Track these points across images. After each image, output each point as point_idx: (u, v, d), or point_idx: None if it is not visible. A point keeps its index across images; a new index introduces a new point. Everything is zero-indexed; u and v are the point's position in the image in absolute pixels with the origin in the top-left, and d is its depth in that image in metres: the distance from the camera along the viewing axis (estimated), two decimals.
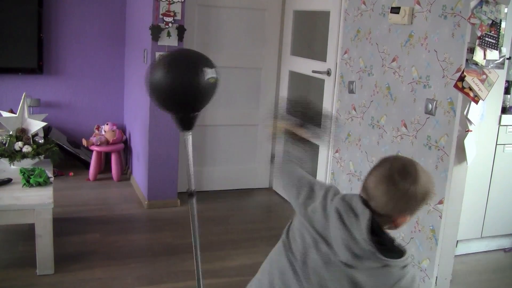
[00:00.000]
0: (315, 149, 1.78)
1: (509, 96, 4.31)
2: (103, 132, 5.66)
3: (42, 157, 4.19)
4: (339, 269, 1.72)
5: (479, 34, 3.07)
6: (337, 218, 1.74)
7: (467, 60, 3.14)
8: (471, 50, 3.11)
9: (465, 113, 3.20)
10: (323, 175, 4.77)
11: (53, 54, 5.79)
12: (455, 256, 3.65)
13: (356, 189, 4.18)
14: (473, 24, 3.08)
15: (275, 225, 4.79)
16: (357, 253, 1.68)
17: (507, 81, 4.24)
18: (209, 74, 1.95)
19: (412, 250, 3.65)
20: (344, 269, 1.72)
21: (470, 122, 3.23)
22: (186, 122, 2.07)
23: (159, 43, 4.62)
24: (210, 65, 1.99)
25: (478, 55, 3.09)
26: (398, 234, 3.77)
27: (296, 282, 1.81)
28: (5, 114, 4.33)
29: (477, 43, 3.08)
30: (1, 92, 5.63)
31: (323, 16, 4.92)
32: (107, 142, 5.58)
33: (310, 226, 1.82)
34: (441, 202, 3.40)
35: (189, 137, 2.27)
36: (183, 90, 1.94)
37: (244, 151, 5.60)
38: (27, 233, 3.99)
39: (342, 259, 1.71)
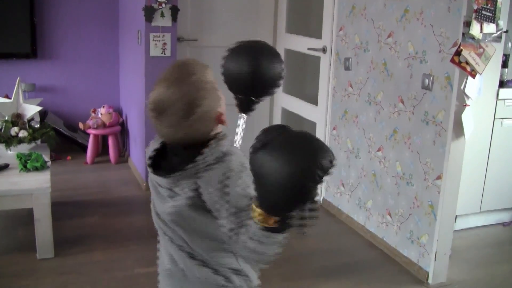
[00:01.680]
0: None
1: (506, 69, 4.29)
2: (99, 115, 5.64)
3: (38, 141, 4.18)
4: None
5: (475, 7, 3.04)
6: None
7: (463, 34, 3.12)
8: (468, 24, 3.08)
9: (462, 87, 3.19)
10: None
11: (46, 38, 5.75)
12: (454, 231, 3.66)
13: (354, 166, 4.19)
14: None
15: None
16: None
17: (504, 55, 4.22)
18: (276, 65, 2.05)
19: (411, 226, 3.65)
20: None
21: (468, 97, 3.22)
22: (248, 106, 2.15)
23: (153, 24, 4.58)
24: (278, 57, 2.09)
25: (475, 29, 3.07)
26: (397, 211, 3.78)
27: (166, 240, 1.76)
28: (0, 99, 4.30)
29: (473, 17, 3.06)
30: None
31: None
32: (104, 125, 5.57)
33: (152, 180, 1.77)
34: (439, 178, 3.40)
35: (243, 120, 2.39)
36: (249, 76, 2.04)
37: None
38: (26, 218, 3.99)
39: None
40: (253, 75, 2.00)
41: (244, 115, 2.30)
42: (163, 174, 1.65)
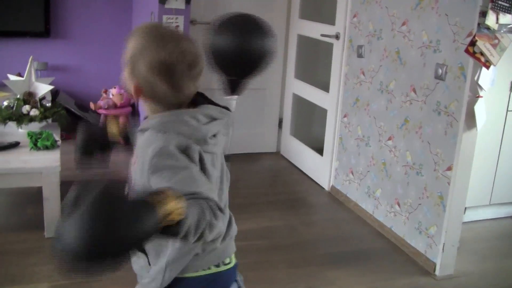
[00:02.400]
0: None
1: None
2: (110, 96, 5.64)
3: (49, 120, 4.18)
4: None
5: None
6: None
7: (479, 24, 3.08)
8: (483, 14, 3.05)
9: (475, 78, 3.16)
10: (331, 139, 4.74)
11: (60, 17, 5.74)
12: (463, 223, 3.64)
13: (364, 154, 4.18)
14: None
15: (282, 190, 4.80)
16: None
17: None
18: (263, 40, 1.92)
19: (420, 217, 3.64)
20: None
21: (481, 88, 3.19)
22: (237, 86, 2.04)
23: (166, 6, 4.57)
24: (267, 32, 1.95)
25: (491, 19, 3.03)
26: (406, 200, 3.77)
27: None
28: (13, 77, 4.31)
29: (489, 7, 3.02)
30: (9, 56, 5.60)
31: None
32: (114, 106, 5.57)
33: None
34: (449, 169, 3.38)
35: (234, 101, 2.28)
36: (232, 53, 1.91)
37: (252, 115, 5.58)
38: (35, 196, 4.01)
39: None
40: (241, 53, 1.91)
41: (235, 96, 2.21)
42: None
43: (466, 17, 3.22)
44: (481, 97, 3.22)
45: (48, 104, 4.23)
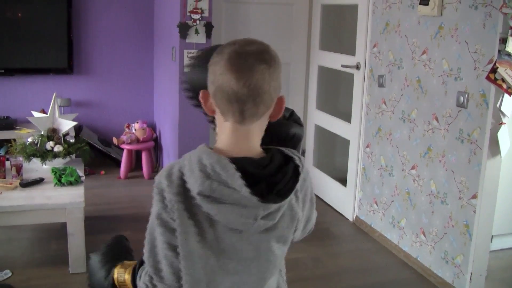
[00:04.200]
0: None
1: None
2: (133, 130, 5.69)
3: (73, 156, 4.22)
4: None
5: (511, 24, 3.00)
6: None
7: (499, 51, 3.07)
8: (503, 41, 3.04)
9: (498, 105, 3.14)
10: (354, 170, 4.72)
11: (82, 53, 5.84)
12: (490, 251, 3.59)
13: (388, 183, 4.15)
14: (505, 14, 3.01)
15: None
16: None
17: None
18: None
19: (446, 246, 3.59)
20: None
21: (504, 115, 3.17)
22: None
23: (187, 40, 4.62)
24: None
25: (511, 46, 3.02)
26: (431, 230, 3.72)
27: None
28: (37, 114, 4.37)
29: (509, 33, 3.01)
30: (33, 92, 5.69)
31: (351, 10, 4.88)
32: (137, 140, 5.61)
33: None
34: (474, 197, 3.34)
35: None
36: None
37: None
38: (60, 231, 4.03)
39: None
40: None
41: None
42: (276, 199, 1.34)
43: (486, 44, 3.21)
44: (504, 124, 3.19)
45: (72, 140, 4.27)
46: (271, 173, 1.36)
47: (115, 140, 5.57)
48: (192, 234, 1.35)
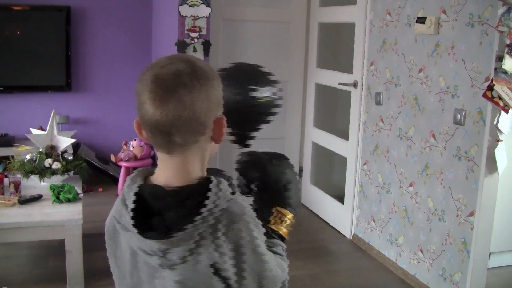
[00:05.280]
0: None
1: None
2: (131, 148, 5.69)
3: (71, 173, 4.22)
4: None
5: (507, 42, 3.02)
6: None
7: (495, 68, 3.10)
8: (500, 59, 3.07)
9: (495, 122, 3.16)
10: (351, 187, 4.73)
11: (81, 71, 5.86)
12: (488, 268, 3.58)
13: (385, 201, 4.15)
14: (501, 32, 3.04)
15: (304, 238, 4.77)
16: None
17: None
18: (259, 93, 1.85)
19: (444, 263, 3.59)
20: None
21: (501, 132, 3.18)
22: (241, 139, 1.99)
23: None
24: (265, 83, 1.89)
25: (507, 63, 3.04)
26: (429, 247, 3.72)
27: None
28: (35, 131, 4.38)
29: (505, 51, 3.04)
30: (31, 110, 5.70)
31: (348, 28, 4.91)
32: (135, 158, 5.62)
33: None
34: (472, 214, 3.35)
35: None
36: (232, 108, 1.84)
37: None
38: (57, 248, 4.02)
39: None
40: (244, 106, 1.83)
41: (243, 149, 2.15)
42: (156, 236, 1.25)
43: (483, 62, 3.23)
44: (501, 141, 3.21)
45: (70, 157, 4.28)
46: (166, 206, 1.26)
47: (113, 158, 5.57)
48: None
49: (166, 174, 1.32)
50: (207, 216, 1.23)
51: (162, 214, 1.26)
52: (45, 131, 4.33)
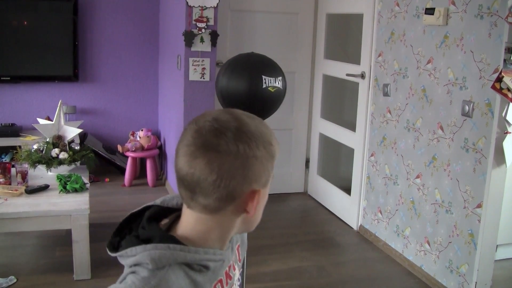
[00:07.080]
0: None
1: None
2: (138, 138, 5.70)
3: (78, 163, 4.23)
4: None
5: None
6: None
7: (504, 60, 3.08)
8: (509, 50, 3.05)
9: (503, 114, 3.14)
10: (358, 179, 4.72)
11: (88, 61, 5.86)
12: (495, 261, 3.57)
13: (392, 192, 4.14)
14: (510, 23, 3.02)
15: (310, 230, 4.77)
16: None
17: None
18: (271, 83, 1.83)
19: (451, 255, 3.59)
20: None
21: (509, 124, 3.17)
22: None
23: (193, 48, 4.64)
24: (272, 73, 1.86)
25: None
26: (436, 239, 3.72)
27: None
28: (42, 121, 4.39)
29: None
30: (38, 100, 5.71)
31: (356, 19, 4.89)
32: (142, 148, 5.62)
33: None
34: (479, 206, 3.34)
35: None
36: (241, 97, 1.83)
37: (279, 155, 5.57)
38: (64, 238, 4.03)
39: None
40: (253, 95, 1.81)
41: None
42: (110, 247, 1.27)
43: (491, 53, 3.21)
44: (510, 133, 3.19)
45: (77, 147, 4.29)
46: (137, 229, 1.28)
47: (119, 148, 5.58)
48: None
49: (183, 225, 1.26)
50: (122, 254, 1.21)
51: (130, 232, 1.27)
52: (52, 121, 4.33)
